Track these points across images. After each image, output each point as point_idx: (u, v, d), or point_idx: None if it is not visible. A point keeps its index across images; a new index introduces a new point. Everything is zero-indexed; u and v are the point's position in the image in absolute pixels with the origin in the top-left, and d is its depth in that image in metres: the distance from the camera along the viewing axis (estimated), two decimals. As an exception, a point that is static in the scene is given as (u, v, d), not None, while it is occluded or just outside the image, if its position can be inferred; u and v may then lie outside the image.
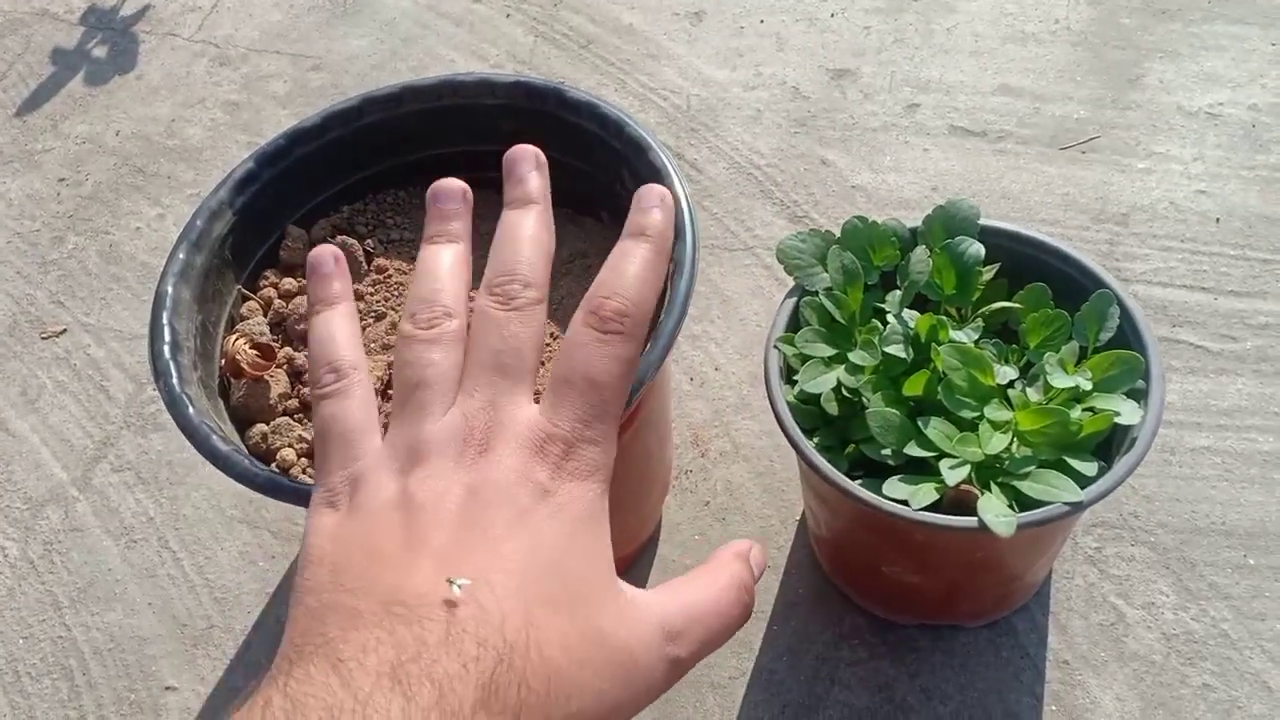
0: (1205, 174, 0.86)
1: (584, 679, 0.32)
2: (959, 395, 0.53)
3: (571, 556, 0.34)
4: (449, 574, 0.32)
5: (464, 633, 0.30)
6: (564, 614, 0.32)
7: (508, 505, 0.34)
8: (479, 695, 0.29)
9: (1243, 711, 0.61)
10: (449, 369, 0.38)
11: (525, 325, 0.38)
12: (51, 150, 1.02)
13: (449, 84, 0.63)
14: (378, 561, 0.33)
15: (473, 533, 0.33)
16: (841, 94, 0.97)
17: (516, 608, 0.31)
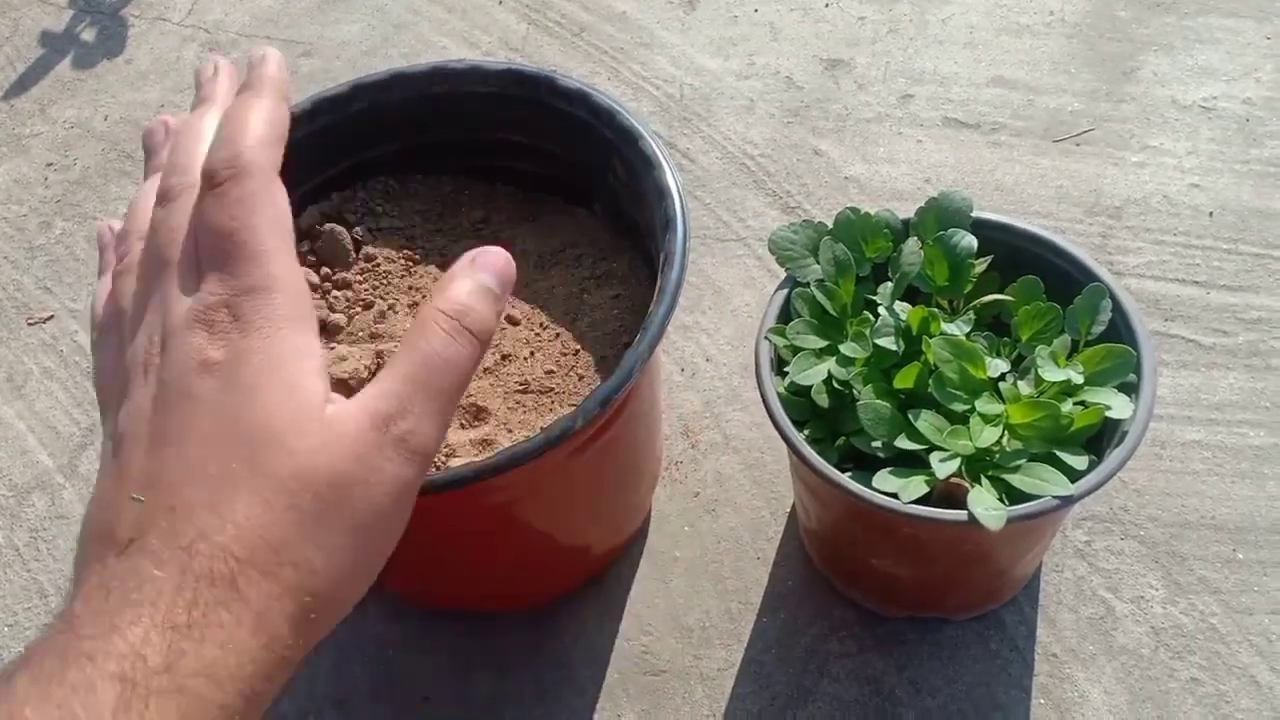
0: (1199, 168, 0.86)
1: (303, 524, 0.33)
2: (950, 388, 0.53)
3: (256, 413, 0.34)
4: (146, 491, 0.33)
5: (157, 539, 0.32)
6: (257, 476, 0.33)
7: (184, 400, 0.34)
8: (178, 578, 0.31)
9: (1230, 705, 0.61)
10: (128, 298, 0.38)
11: (174, 214, 0.38)
12: (39, 135, 1.02)
13: (440, 71, 0.63)
14: (97, 506, 0.34)
15: (158, 441, 0.34)
16: (835, 84, 0.96)
17: (201, 497, 0.32)
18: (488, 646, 0.67)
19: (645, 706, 0.64)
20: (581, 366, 0.59)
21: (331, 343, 0.60)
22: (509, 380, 0.58)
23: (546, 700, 0.64)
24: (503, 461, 0.48)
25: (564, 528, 0.63)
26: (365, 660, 0.67)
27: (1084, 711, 0.62)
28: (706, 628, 0.67)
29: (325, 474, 0.33)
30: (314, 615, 0.33)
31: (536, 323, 0.61)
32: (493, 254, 0.40)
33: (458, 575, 0.66)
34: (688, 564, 0.69)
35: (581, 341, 0.60)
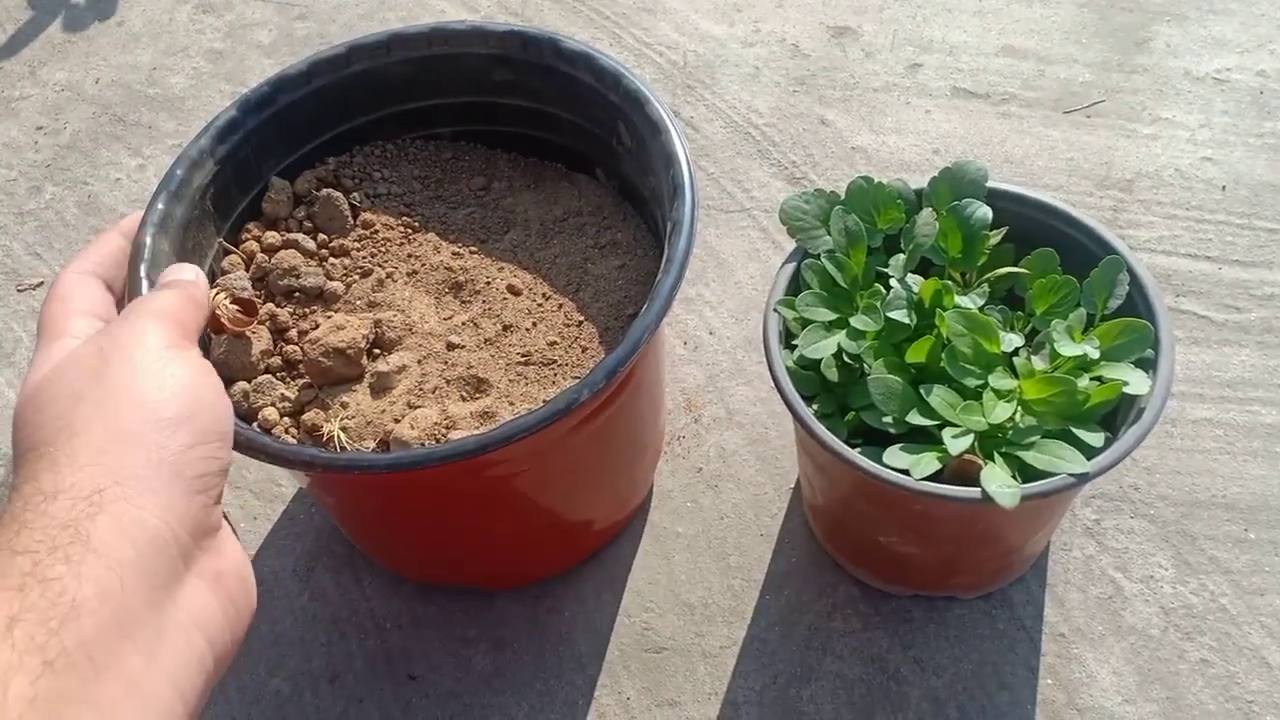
0: (1212, 141, 0.85)
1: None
2: (963, 362, 0.51)
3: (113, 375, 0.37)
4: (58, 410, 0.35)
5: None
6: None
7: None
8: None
9: (1241, 687, 0.60)
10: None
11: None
12: (29, 98, 0.99)
13: (440, 32, 0.61)
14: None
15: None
16: (842, 52, 0.94)
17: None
18: (486, 622, 0.66)
19: (646, 683, 0.63)
20: (585, 338, 0.57)
21: (329, 311, 0.58)
22: (510, 351, 0.56)
23: (546, 676, 0.63)
24: (505, 434, 0.47)
25: (565, 502, 0.61)
26: (361, 635, 0.65)
27: (1092, 692, 0.61)
28: (709, 604, 0.65)
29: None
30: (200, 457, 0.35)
31: (539, 293, 0.59)
32: None
33: (457, 550, 0.64)
34: (690, 540, 0.68)
35: (585, 312, 0.58)
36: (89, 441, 0.33)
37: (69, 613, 0.29)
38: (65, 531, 0.30)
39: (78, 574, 0.30)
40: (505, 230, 0.62)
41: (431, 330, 0.57)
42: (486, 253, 0.61)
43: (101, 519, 0.31)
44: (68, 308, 0.42)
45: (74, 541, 0.30)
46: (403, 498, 0.57)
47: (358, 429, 0.54)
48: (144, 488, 0.33)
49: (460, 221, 0.62)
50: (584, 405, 0.48)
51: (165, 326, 0.39)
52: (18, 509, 0.31)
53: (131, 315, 0.40)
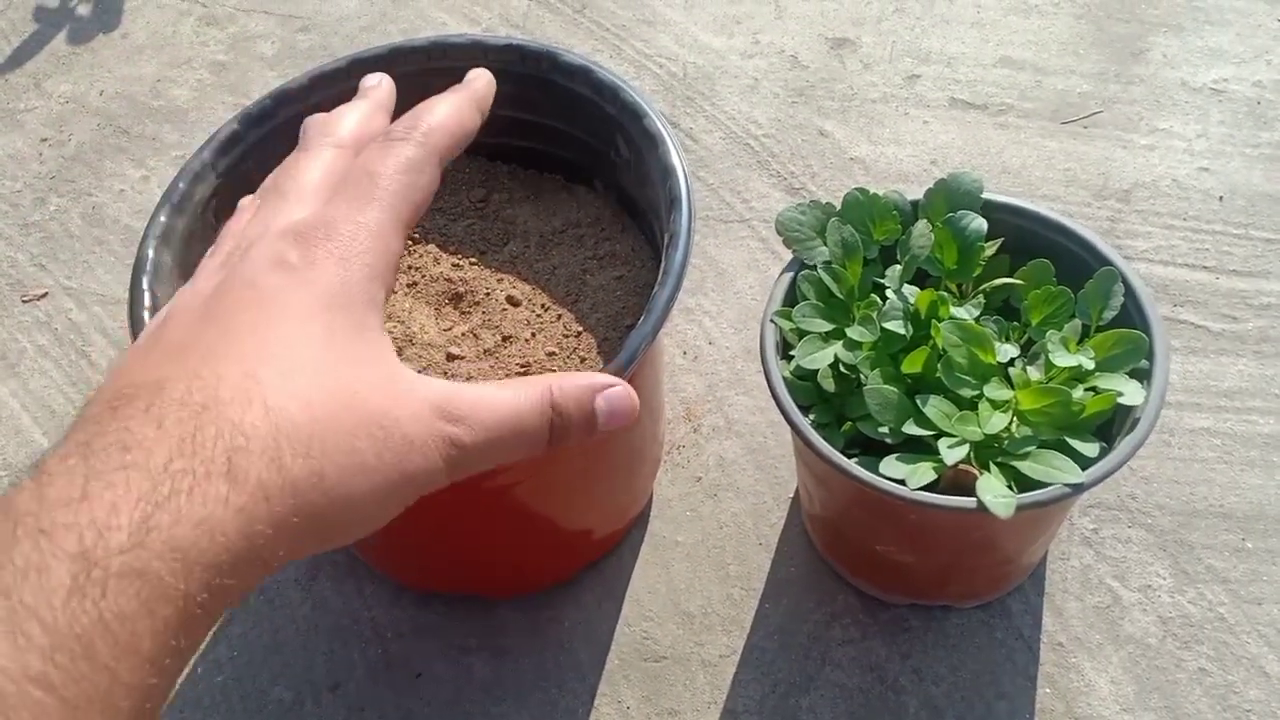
0: (1209, 151, 0.85)
1: (328, 433, 0.31)
2: (959, 373, 0.52)
3: (318, 326, 0.33)
4: (172, 360, 0.31)
5: (169, 401, 0.29)
6: (304, 376, 0.31)
7: (249, 289, 0.33)
8: (174, 445, 0.28)
9: (1239, 696, 0.60)
10: (242, 220, 0.39)
11: (311, 158, 0.39)
12: (34, 109, 1.00)
13: (439, 46, 0.62)
14: (118, 374, 0.33)
15: (205, 319, 0.33)
16: (841, 64, 0.95)
17: (239, 370, 0.30)
18: (487, 630, 0.66)
19: (646, 692, 0.63)
20: (584, 349, 0.58)
21: (329, 323, 0.59)
22: (510, 362, 0.57)
23: (547, 685, 0.64)
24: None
25: (565, 512, 0.62)
26: (362, 644, 0.66)
27: (1090, 701, 0.61)
28: (708, 613, 0.66)
29: (378, 409, 0.32)
30: (300, 528, 0.30)
31: (538, 304, 0.60)
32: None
33: (457, 559, 0.65)
34: (689, 549, 0.68)
35: (584, 323, 0.59)
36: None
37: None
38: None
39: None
40: (504, 242, 0.63)
41: (431, 341, 0.58)
42: (486, 264, 0.61)
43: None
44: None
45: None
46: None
47: (358, 439, 0.54)
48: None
49: (460, 233, 0.63)
50: (582, 416, 0.48)
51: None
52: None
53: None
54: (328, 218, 0.35)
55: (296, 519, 0.30)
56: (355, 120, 0.42)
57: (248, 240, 0.36)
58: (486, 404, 0.35)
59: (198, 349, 0.32)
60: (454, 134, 0.40)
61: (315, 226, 0.35)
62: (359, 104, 0.43)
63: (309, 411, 0.31)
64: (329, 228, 0.35)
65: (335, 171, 0.39)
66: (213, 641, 0.67)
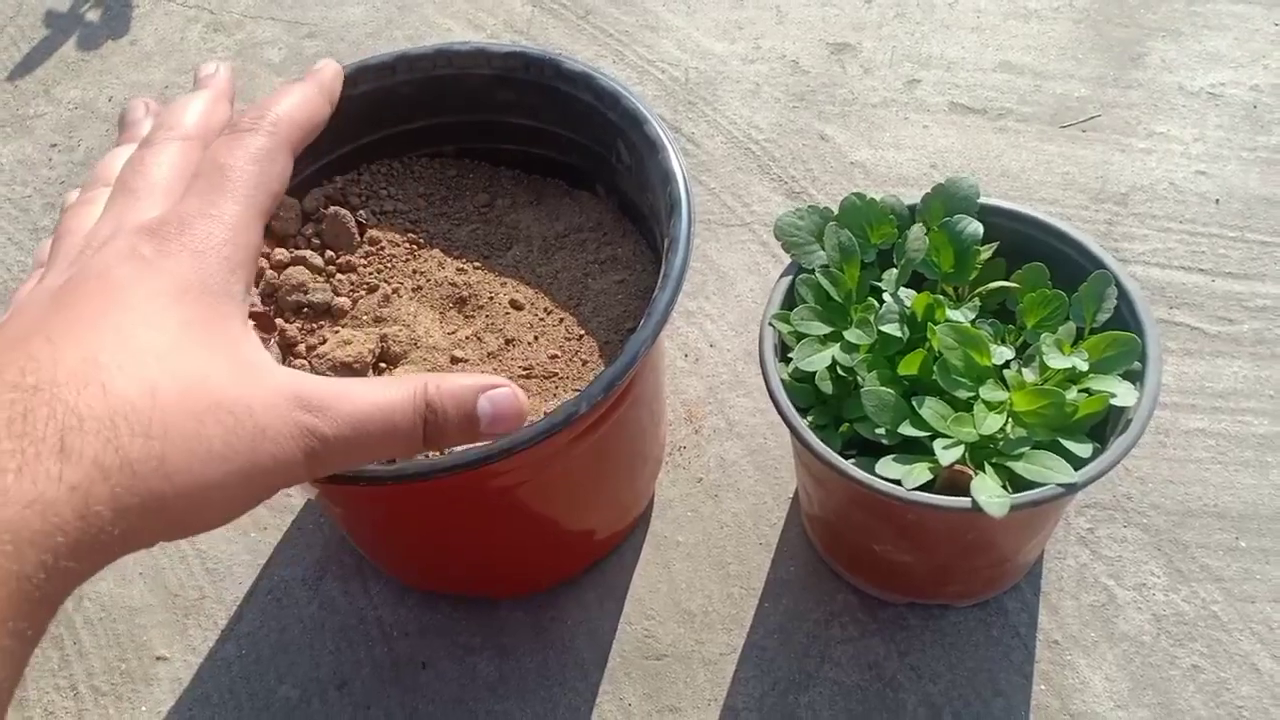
0: (1206, 155, 0.86)
1: (174, 419, 0.30)
2: (954, 375, 0.53)
3: (171, 315, 0.32)
4: (11, 349, 0.30)
5: (1, 383, 0.28)
6: (150, 361, 0.30)
7: (98, 279, 0.32)
8: (2, 428, 0.27)
9: (1231, 693, 0.61)
10: (87, 218, 0.37)
11: (158, 153, 0.38)
12: (44, 115, 1.01)
13: (444, 53, 0.63)
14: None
15: (53, 310, 0.32)
16: (841, 68, 0.96)
17: (74, 353, 0.29)
18: (490, 630, 0.67)
19: (647, 690, 0.64)
20: (585, 351, 0.59)
21: (336, 326, 0.60)
22: (512, 365, 0.58)
23: (550, 683, 0.65)
24: (506, 446, 0.48)
25: (567, 513, 0.63)
26: (367, 643, 0.67)
27: (1085, 698, 0.62)
28: (709, 612, 0.67)
29: (228, 395, 0.31)
30: (142, 511, 0.29)
31: (540, 307, 0.61)
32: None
33: (460, 559, 0.66)
34: (690, 549, 0.69)
35: (585, 326, 0.60)
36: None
37: None
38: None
39: None
40: (508, 246, 0.63)
41: (436, 344, 0.59)
42: (490, 268, 0.62)
43: None
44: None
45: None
46: (407, 508, 0.59)
47: (364, 441, 0.55)
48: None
49: (464, 238, 0.64)
50: (583, 418, 0.49)
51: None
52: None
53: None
54: (182, 213, 0.35)
55: (136, 500, 0.29)
56: (199, 110, 0.40)
57: (99, 239, 0.35)
58: (350, 397, 0.35)
59: (39, 335, 0.30)
60: (302, 124, 0.40)
61: (168, 222, 0.34)
62: (200, 94, 0.42)
63: (152, 396, 0.30)
64: (183, 222, 0.34)
65: (185, 165, 0.38)
66: (220, 639, 0.68)
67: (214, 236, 0.34)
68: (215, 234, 0.34)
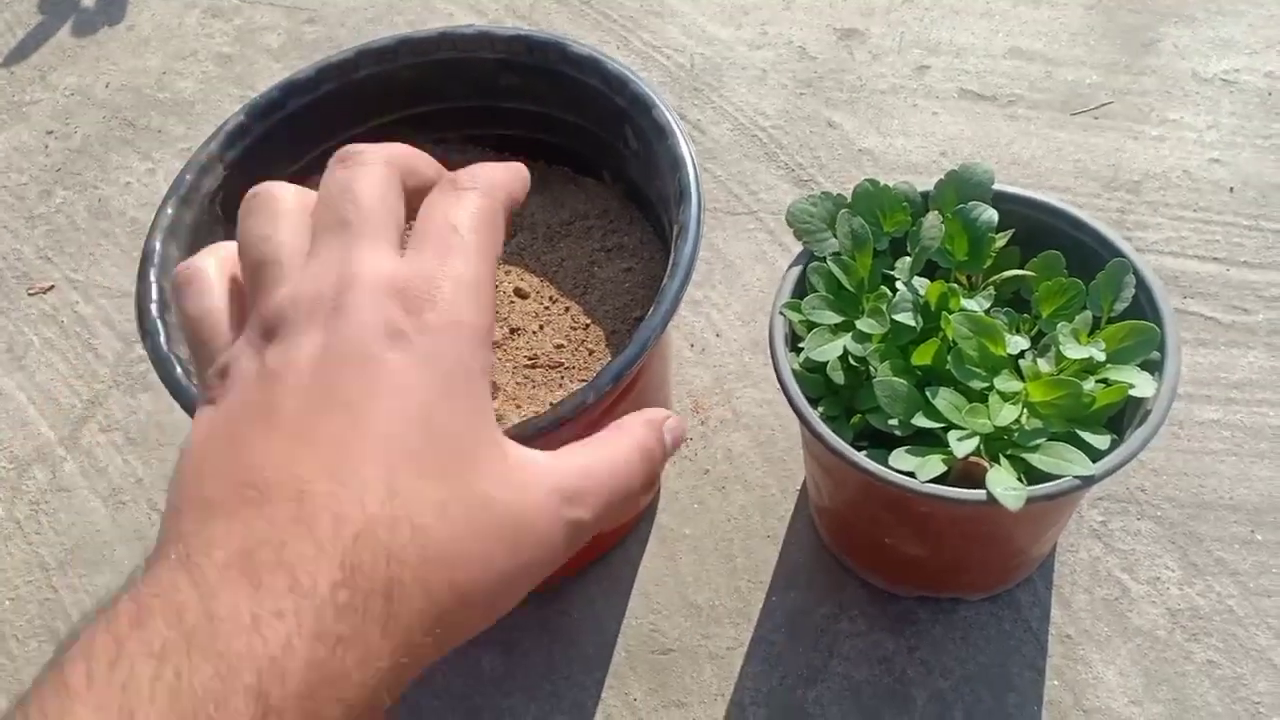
0: (1220, 142, 0.84)
1: (467, 547, 0.30)
2: (969, 365, 0.52)
3: (442, 412, 0.31)
4: (303, 447, 0.29)
5: (318, 510, 0.28)
6: (436, 478, 0.30)
7: (367, 363, 0.31)
8: (339, 575, 0.27)
9: (1248, 688, 0.60)
10: (291, 240, 0.34)
11: (365, 177, 0.35)
12: (39, 102, 1.00)
13: (447, 37, 0.62)
14: (234, 445, 0.30)
15: (327, 396, 0.30)
16: (849, 54, 0.94)
17: (377, 476, 0.29)
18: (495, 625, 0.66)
19: (653, 685, 0.63)
20: (592, 341, 0.57)
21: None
22: (518, 355, 0.57)
23: (555, 678, 0.64)
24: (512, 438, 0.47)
25: (572, 504, 0.61)
26: (370, 636, 0.66)
27: (1098, 693, 0.61)
28: (715, 606, 0.66)
29: (508, 511, 0.31)
30: (433, 647, 0.30)
31: (546, 296, 0.59)
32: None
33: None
34: (696, 542, 0.68)
35: (592, 315, 0.58)
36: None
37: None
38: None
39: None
40: (512, 234, 0.62)
41: (439, 333, 0.57)
42: (494, 256, 0.61)
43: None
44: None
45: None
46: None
47: (366, 432, 0.54)
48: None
49: (468, 225, 0.62)
50: (589, 409, 0.48)
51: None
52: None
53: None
54: (426, 273, 0.32)
55: (445, 637, 0.30)
56: (399, 149, 0.37)
57: (333, 286, 0.32)
58: (597, 475, 0.34)
59: (327, 438, 0.29)
60: (513, 196, 0.38)
61: (414, 282, 0.32)
62: (395, 144, 0.39)
63: (449, 527, 0.30)
64: (430, 285, 0.32)
65: (395, 197, 0.35)
66: (221, 633, 0.67)
67: (461, 304, 0.32)
68: (462, 300, 0.33)
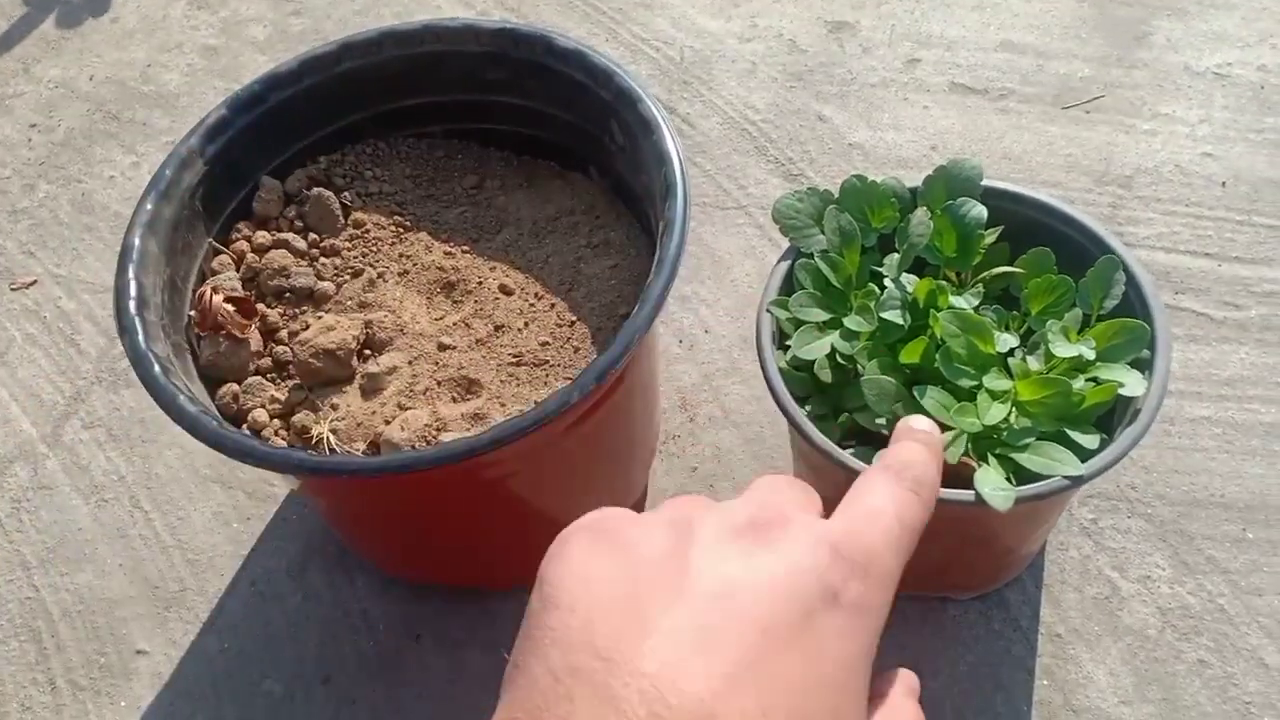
0: (1212, 136, 0.84)
1: None
2: (957, 363, 0.51)
3: (848, 693, 0.29)
4: (713, 664, 0.27)
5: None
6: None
7: (797, 601, 0.29)
8: None
9: (1238, 688, 0.60)
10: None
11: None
12: (23, 94, 0.99)
13: (431, 29, 0.61)
14: (636, 624, 0.28)
15: (750, 623, 0.29)
16: (840, 47, 0.94)
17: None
18: (479, 623, 0.65)
19: (640, 685, 0.62)
20: (577, 338, 0.57)
21: (319, 311, 0.58)
22: (502, 352, 0.56)
23: (540, 678, 0.63)
24: (496, 437, 0.47)
25: (559, 503, 0.61)
26: (353, 636, 0.65)
27: (1088, 693, 0.60)
28: (703, 605, 0.65)
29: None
30: None
31: (531, 293, 0.59)
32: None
33: (449, 551, 0.64)
34: (685, 540, 0.68)
35: (578, 312, 0.58)
36: None
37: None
38: None
39: None
40: (498, 229, 0.62)
41: (423, 331, 0.57)
42: (479, 252, 0.60)
43: None
44: None
45: None
46: (392, 500, 0.57)
47: (348, 431, 0.53)
48: None
49: (452, 221, 0.62)
50: (574, 408, 0.47)
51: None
52: None
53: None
54: (867, 546, 0.31)
55: None
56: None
57: (772, 510, 0.32)
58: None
59: (748, 680, 0.28)
60: (932, 507, 0.36)
61: (851, 548, 0.31)
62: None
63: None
64: (868, 561, 0.31)
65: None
66: (202, 633, 0.66)
67: (882, 596, 0.31)
68: (883, 594, 0.31)
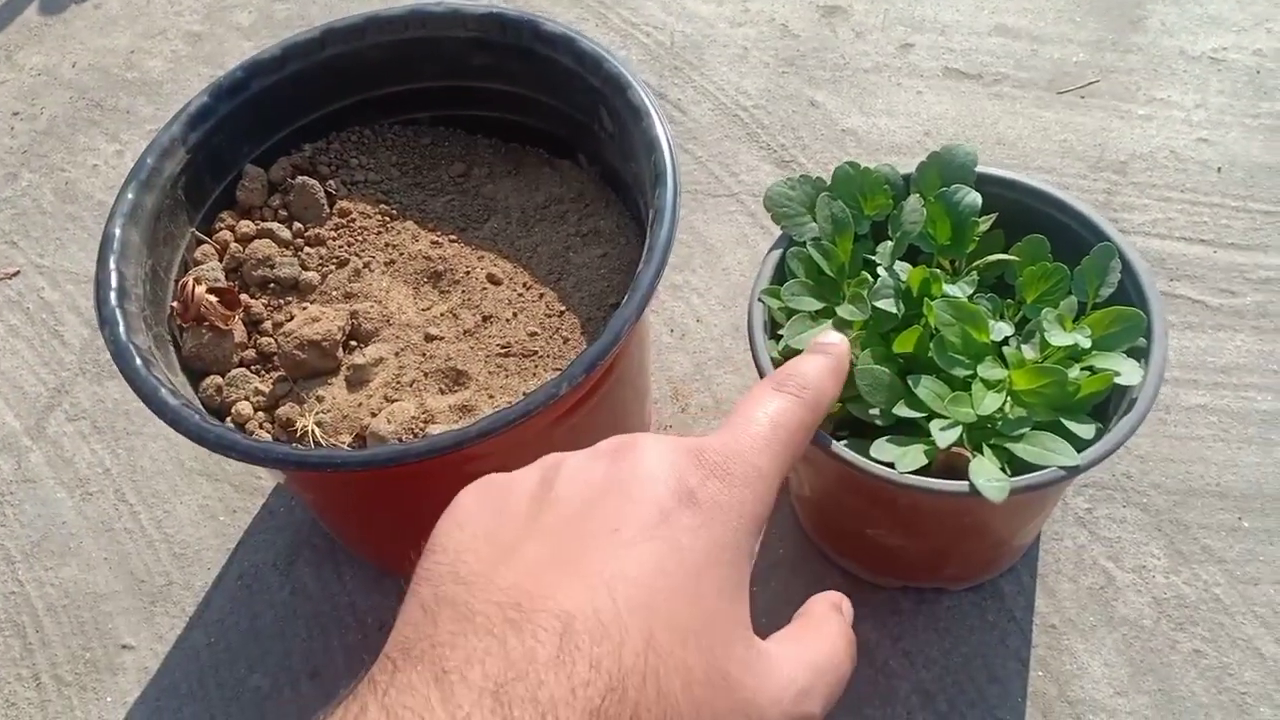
0: (1207, 121, 0.83)
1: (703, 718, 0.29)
2: (951, 353, 0.50)
3: (707, 582, 0.31)
4: (568, 571, 0.29)
5: (576, 650, 0.27)
6: (689, 646, 0.29)
7: (649, 504, 0.31)
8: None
9: (1234, 678, 0.59)
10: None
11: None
12: (5, 82, 0.98)
13: (416, 14, 0.60)
14: (497, 550, 0.30)
15: (602, 528, 0.31)
16: (832, 32, 0.93)
17: (638, 627, 0.29)
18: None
19: (632, 678, 0.62)
20: (567, 328, 0.56)
21: (304, 302, 0.57)
22: (490, 343, 0.55)
23: (530, 671, 0.62)
24: (484, 429, 0.46)
25: (548, 495, 0.60)
26: (342, 631, 0.64)
27: (1083, 684, 0.60)
28: (696, 597, 0.64)
29: (746, 696, 0.31)
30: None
31: (520, 282, 0.58)
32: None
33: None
34: (677, 531, 0.67)
35: (567, 302, 0.57)
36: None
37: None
38: None
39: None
40: (485, 218, 0.61)
41: (409, 321, 0.56)
42: (466, 241, 0.60)
43: None
44: None
45: None
46: (379, 493, 0.56)
47: (333, 423, 0.53)
48: None
49: (439, 209, 0.61)
50: (563, 399, 0.47)
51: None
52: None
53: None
54: (731, 449, 0.33)
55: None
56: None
57: (638, 436, 0.34)
58: (823, 670, 0.34)
59: (598, 574, 0.29)
60: (828, 407, 0.38)
61: (714, 453, 0.33)
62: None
63: (691, 699, 0.29)
64: (727, 460, 0.33)
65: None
66: (189, 627, 0.65)
67: (751, 490, 0.33)
68: (753, 488, 0.33)
